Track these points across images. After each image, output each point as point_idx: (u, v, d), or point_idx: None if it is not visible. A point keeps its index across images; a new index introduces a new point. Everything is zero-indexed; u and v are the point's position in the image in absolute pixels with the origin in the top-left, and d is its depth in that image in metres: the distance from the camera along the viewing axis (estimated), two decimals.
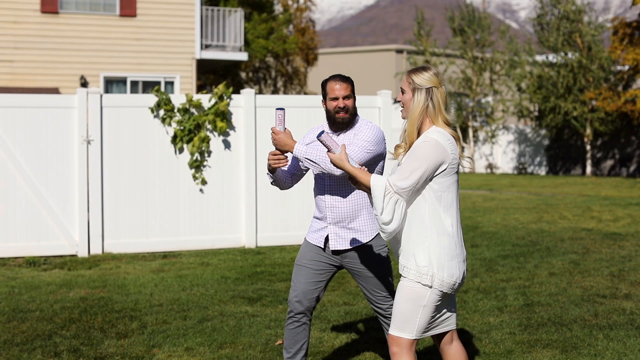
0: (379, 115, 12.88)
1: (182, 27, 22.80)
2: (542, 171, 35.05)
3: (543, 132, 34.86)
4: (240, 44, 25.32)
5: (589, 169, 32.61)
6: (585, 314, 7.96)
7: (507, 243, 12.59)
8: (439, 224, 4.59)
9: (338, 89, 5.40)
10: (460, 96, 35.65)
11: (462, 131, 34.49)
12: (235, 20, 25.36)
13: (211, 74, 35.80)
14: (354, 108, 5.46)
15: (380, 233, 4.60)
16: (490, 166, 35.76)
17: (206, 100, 12.32)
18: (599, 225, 14.81)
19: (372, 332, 7.49)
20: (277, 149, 5.27)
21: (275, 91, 42.67)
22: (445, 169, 4.58)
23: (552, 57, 33.94)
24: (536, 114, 35.20)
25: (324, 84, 5.47)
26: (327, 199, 5.46)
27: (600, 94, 30.49)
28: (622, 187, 25.17)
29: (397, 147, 4.80)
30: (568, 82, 32.15)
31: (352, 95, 5.44)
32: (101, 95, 11.83)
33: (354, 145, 5.25)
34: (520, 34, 40.78)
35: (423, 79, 4.67)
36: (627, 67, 31.23)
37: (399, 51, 44.89)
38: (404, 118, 4.77)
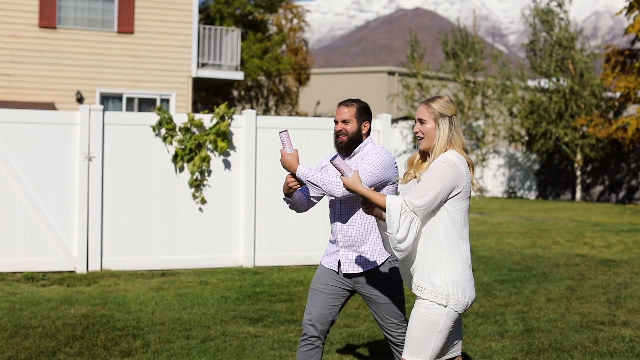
0: (378, 138, 12.97)
1: (179, 45, 22.89)
2: (532, 195, 35.22)
3: (533, 156, 35.05)
4: (237, 63, 25.43)
5: (578, 194, 32.80)
6: (585, 340, 8.03)
7: (504, 268, 12.67)
8: (454, 246, 4.66)
9: (339, 112, 5.53)
10: None
11: None
12: (231, 39, 25.48)
13: (203, 91, 35.88)
14: (355, 133, 5.52)
15: (394, 252, 4.65)
16: (480, 190, 35.85)
17: (207, 119, 12.39)
18: (593, 252, 14.92)
19: (375, 354, 7.54)
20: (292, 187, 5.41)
21: (267, 110, 42.76)
22: (459, 192, 4.65)
23: (544, 83, 34.17)
24: (526, 138, 35.40)
25: None
26: (338, 223, 5.55)
27: (591, 121, 30.71)
28: (612, 213, 25.34)
29: (406, 174, 4.87)
30: (560, 108, 32.38)
31: (353, 120, 5.51)
32: (103, 113, 11.88)
33: (359, 168, 5.34)
34: (513, 59, 41.01)
35: (445, 108, 4.74)
36: (618, 94, 31.48)
37: (391, 73, 45.05)
38: (423, 150, 4.81)
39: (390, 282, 5.51)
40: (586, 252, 14.92)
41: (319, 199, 5.68)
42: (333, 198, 5.54)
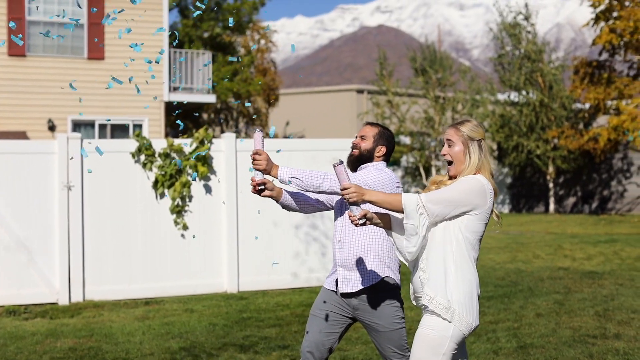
0: None
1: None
2: (506, 209, 35.34)
3: (505, 170, 35.21)
4: (208, 86, 25.32)
5: (551, 207, 32.95)
6: (580, 355, 8.01)
7: (489, 284, 12.64)
8: (465, 266, 4.60)
9: (361, 130, 5.62)
10: (423, 135, 35.86)
11: (425, 170, 34.69)
12: (203, 62, 25.38)
13: (172, 115, 35.70)
14: (368, 151, 5.55)
15: (403, 253, 4.57)
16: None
17: (187, 144, 12.28)
18: (574, 264, 14.95)
19: None
20: (258, 171, 5.13)
21: (237, 132, 42.65)
22: (479, 214, 4.57)
23: (514, 96, 34.37)
24: (496, 152, 35.57)
25: None
26: (337, 242, 5.52)
27: (562, 132, 30.92)
28: (586, 225, 25.47)
29: (426, 189, 4.79)
30: (530, 121, 32.57)
31: (370, 139, 5.56)
32: (82, 140, 11.74)
33: (356, 177, 5.34)
34: (481, 74, 41.24)
35: (474, 131, 4.66)
36: (587, 106, 31.71)
37: (360, 91, 45.12)
38: (453, 176, 4.73)
39: (389, 310, 5.43)
40: (568, 264, 14.95)
41: (320, 205, 5.64)
42: (338, 214, 5.51)
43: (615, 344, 8.47)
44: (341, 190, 4.63)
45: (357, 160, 5.56)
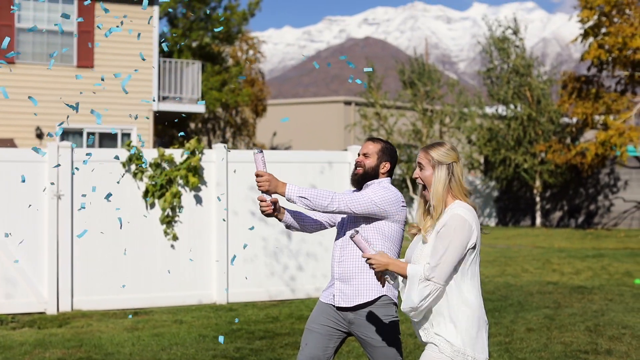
0: (349, 170, 12.91)
1: (139, 78, 22.68)
2: (492, 222, 35.39)
3: (492, 183, 35.27)
4: (198, 96, 25.28)
5: (538, 220, 33.02)
6: None
7: None
8: (464, 297, 4.51)
9: (363, 146, 5.58)
10: (410, 148, 35.91)
11: (412, 182, 34.70)
12: (192, 72, 25.34)
13: (160, 124, 35.64)
14: (372, 169, 5.52)
15: (408, 313, 4.51)
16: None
17: (178, 155, 12.23)
18: (563, 279, 14.96)
19: None
20: (263, 192, 5.15)
21: (224, 142, 42.57)
22: (473, 245, 4.53)
23: (501, 110, 34.47)
24: (482, 166, 35.65)
25: None
26: (337, 253, 5.48)
27: (550, 147, 31.02)
28: (573, 239, 25.52)
29: (410, 226, 4.73)
30: (518, 135, 32.67)
31: (374, 156, 5.52)
32: (72, 149, 11.67)
33: (360, 193, 5.30)
34: (468, 87, 41.34)
35: (442, 155, 4.63)
36: (575, 120, 31.84)
37: (347, 103, 45.15)
38: (426, 199, 4.69)
39: (385, 325, 5.39)
40: (557, 279, 14.95)
41: (319, 225, 5.62)
42: (340, 230, 5.48)
43: (607, 359, 8.46)
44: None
45: (362, 179, 5.53)
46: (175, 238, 12.09)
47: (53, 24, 21.48)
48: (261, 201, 5.24)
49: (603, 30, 29.41)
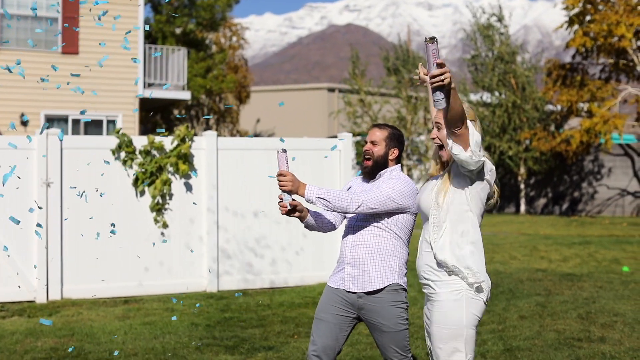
0: (339, 158, 12.87)
1: (125, 65, 22.51)
2: None
3: None
4: (183, 83, 25.16)
5: (522, 207, 33.14)
6: (567, 358, 8.00)
7: None
8: (478, 236, 4.73)
9: (370, 134, 5.53)
10: None
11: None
12: (178, 58, 25.20)
13: (144, 111, 35.47)
14: (382, 157, 5.48)
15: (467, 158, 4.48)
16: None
17: (168, 142, 12.15)
18: (551, 266, 15.00)
19: None
20: (284, 192, 5.15)
21: (207, 129, 42.40)
22: (485, 179, 4.70)
23: (486, 97, 34.52)
24: None
25: None
26: (350, 238, 5.46)
27: (535, 134, 31.10)
28: (558, 226, 25.61)
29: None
30: (503, 122, 32.74)
31: (382, 144, 5.48)
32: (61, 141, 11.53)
33: (377, 189, 5.28)
34: (453, 74, 41.35)
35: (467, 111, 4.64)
36: (559, 108, 31.95)
37: (331, 90, 45.10)
38: (447, 160, 4.75)
39: (395, 310, 5.38)
40: (545, 266, 14.99)
41: (332, 225, 5.62)
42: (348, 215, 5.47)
43: (601, 347, 8.48)
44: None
45: (372, 171, 5.49)
46: (165, 226, 12.02)
47: (30, 8, 21.31)
48: (280, 200, 5.21)
49: (588, 17, 29.47)
